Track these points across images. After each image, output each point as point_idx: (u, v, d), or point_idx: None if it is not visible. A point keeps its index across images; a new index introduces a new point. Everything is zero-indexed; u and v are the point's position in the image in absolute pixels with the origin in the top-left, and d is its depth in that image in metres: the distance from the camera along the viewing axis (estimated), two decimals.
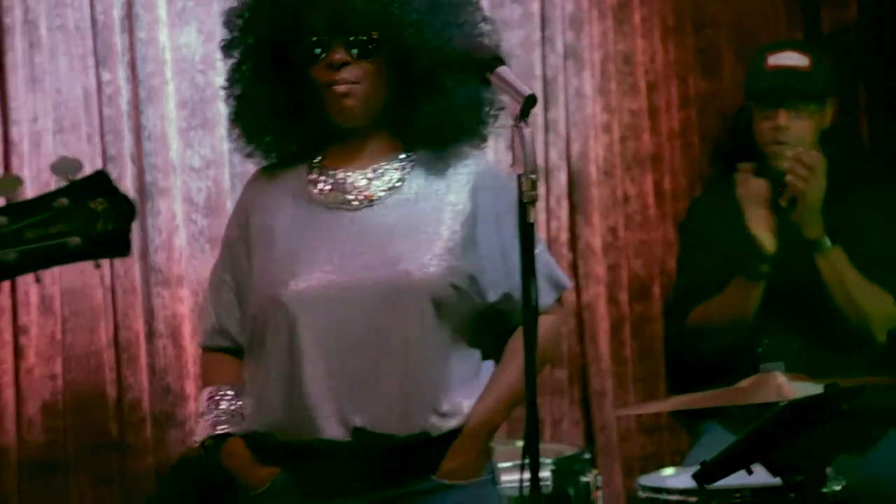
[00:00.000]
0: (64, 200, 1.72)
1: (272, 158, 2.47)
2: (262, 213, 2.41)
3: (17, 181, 1.80)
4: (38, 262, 1.76)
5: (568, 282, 2.55)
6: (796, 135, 3.40)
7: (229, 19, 2.36)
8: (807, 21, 4.17)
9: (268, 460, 2.32)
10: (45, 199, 1.72)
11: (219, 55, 3.03)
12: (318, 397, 2.24)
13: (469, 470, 2.29)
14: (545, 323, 2.37)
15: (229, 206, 3.24)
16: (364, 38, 2.24)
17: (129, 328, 3.11)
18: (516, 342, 2.28)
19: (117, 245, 1.79)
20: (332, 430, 2.23)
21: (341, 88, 2.23)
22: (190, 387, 3.21)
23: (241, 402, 2.37)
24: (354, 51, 2.24)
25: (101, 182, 1.76)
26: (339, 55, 2.22)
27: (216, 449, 2.35)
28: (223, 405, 2.37)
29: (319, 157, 2.39)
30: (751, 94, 3.53)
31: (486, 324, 2.33)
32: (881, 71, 4.21)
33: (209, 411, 2.37)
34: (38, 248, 1.72)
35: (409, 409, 2.25)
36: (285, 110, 2.35)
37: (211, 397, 2.38)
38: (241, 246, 2.40)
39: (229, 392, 2.38)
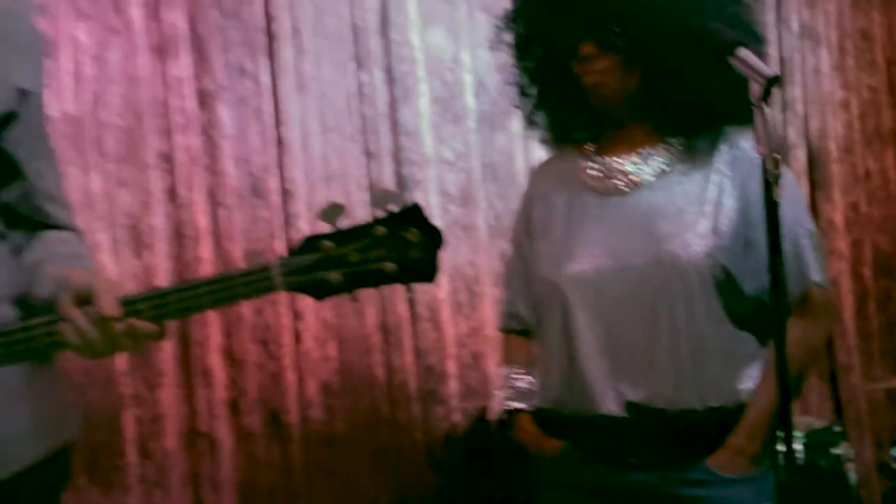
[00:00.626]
0: (382, 229, 1.76)
1: (554, 143, 2.53)
2: (541, 203, 2.50)
3: (341, 209, 1.81)
4: (358, 283, 1.77)
5: (817, 275, 2.39)
6: None
7: (503, 23, 2.46)
8: None
9: (554, 433, 2.39)
10: (365, 228, 1.76)
11: (466, 53, 3.37)
12: (593, 374, 2.29)
13: (744, 465, 2.27)
14: (799, 330, 2.28)
15: (481, 195, 3.48)
16: (606, 32, 2.28)
17: (394, 313, 3.29)
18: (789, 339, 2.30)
19: (426, 272, 1.79)
20: (609, 405, 2.27)
21: (591, 79, 2.29)
22: (451, 366, 3.38)
23: (531, 380, 2.46)
24: (599, 44, 2.28)
25: (415, 214, 1.77)
26: (586, 49, 2.27)
27: (509, 424, 2.46)
28: (516, 384, 2.47)
29: (592, 146, 2.44)
30: None
31: (759, 309, 2.31)
32: None
33: (504, 389, 2.49)
34: (359, 271, 1.76)
35: (681, 386, 2.25)
36: (560, 101, 2.41)
37: (507, 376, 2.50)
38: (524, 236, 2.49)
39: (521, 371, 2.48)
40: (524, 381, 2.49)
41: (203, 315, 3.19)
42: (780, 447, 2.04)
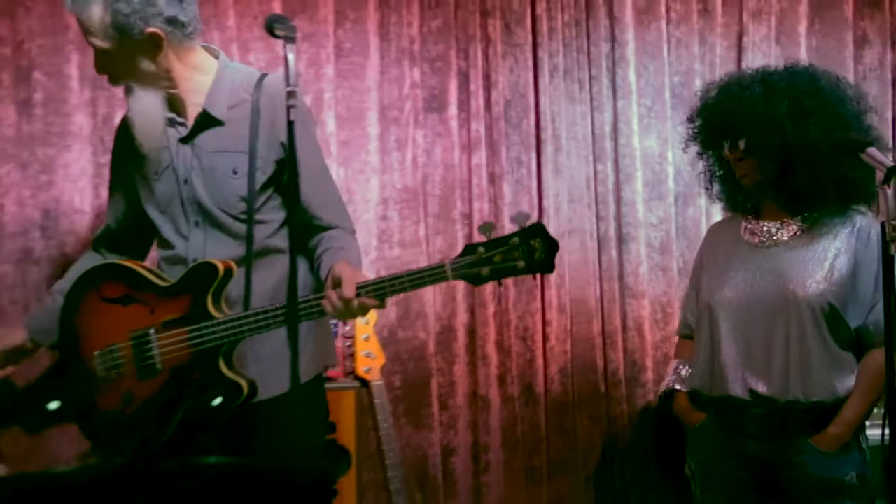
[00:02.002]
0: (516, 240, 2.17)
1: (728, 209, 2.95)
2: (711, 248, 2.94)
3: (492, 226, 2.21)
4: (500, 275, 2.21)
5: None
6: None
7: (693, 120, 2.89)
8: None
9: (700, 408, 2.83)
10: (505, 239, 2.19)
11: (669, 152, 3.94)
12: (728, 368, 2.73)
13: (838, 445, 2.62)
14: (879, 357, 2.52)
15: (675, 248, 4.00)
16: (743, 140, 2.68)
17: (611, 323, 3.87)
18: (871, 360, 2.62)
19: (547, 267, 2.19)
20: (737, 390, 2.70)
21: (739, 173, 2.75)
22: (648, 362, 3.92)
23: (689, 370, 2.92)
24: (741, 148, 2.69)
25: (539, 229, 2.18)
26: (730, 152, 2.72)
27: (670, 399, 2.93)
28: (680, 373, 2.95)
29: (753, 214, 2.84)
30: None
31: (858, 338, 2.64)
32: None
33: (671, 375, 2.97)
34: (500, 267, 2.19)
35: (788, 383, 2.65)
36: (728, 184, 2.84)
37: (675, 367, 2.97)
38: (699, 270, 2.95)
39: (685, 364, 2.94)
40: (685, 370, 2.94)
41: (484, 317, 3.77)
42: (872, 433, 2.53)
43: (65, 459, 3.34)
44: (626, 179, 3.93)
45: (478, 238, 3.51)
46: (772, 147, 2.62)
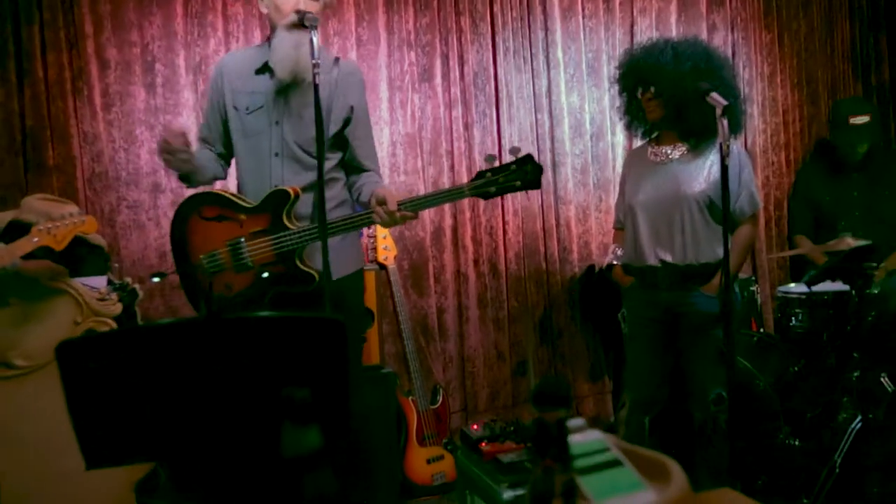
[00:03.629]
0: (514, 167, 2.27)
1: (641, 137, 3.10)
2: (628, 167, 3.15)
3: (494, 157, 2.31)
4: (502, 192, 2.30)
5: (760, 202, 3.03)
6: (861, 152, 4.09)
7: (617, 73, 3.07)
8: (863, 80, 4.75)
9: (629, 273, 3.08)
10: (506, 166, 2.28)
11: (587, 104, 4.25)
12: (645, 246, 2.96)
13: (715, 290, 2.83)
14: (745, 230, 2.90)
15: (591, 170, 4.40)
16: (653, 88, 2.91)
17: (549, 222, 4.35)
18: (738, 233, 2.90)
19: (535, 185, 2.29)
20: (652, 260, 2.94)
21: (649, 109, 2.94)
22: (574, 247, 4.38)
23: (621, 250, 3.13)
24: (653, 94, 2.91)
25: (530, 158, 2.28)
26: (647, 96, 2.93)
27: (609, 270, 3.18)
28: (616, 252, 3.19)
29: (653, 141, 3.04)
30: (838, 138, 4.12)
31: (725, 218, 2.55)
32: None
33: (609, 255, 3.21)
34: (503, 186, 2.29)
35: (686, 252, 2.88)
36: (636, 117, 3.03)
37: (613, 249, 3.21)
38: (623, 183, 3.14)
39: (617, 247, 3.19)
40: (619, 250, 3.16)
41: (463, 220, 4.11)
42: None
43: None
44: (557, 124, 4.34)
45: (465, 167, 4.03)
46: (675, 93, 2.82)
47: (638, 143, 3.26)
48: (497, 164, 2.30)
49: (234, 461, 1.55)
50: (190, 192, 2.69)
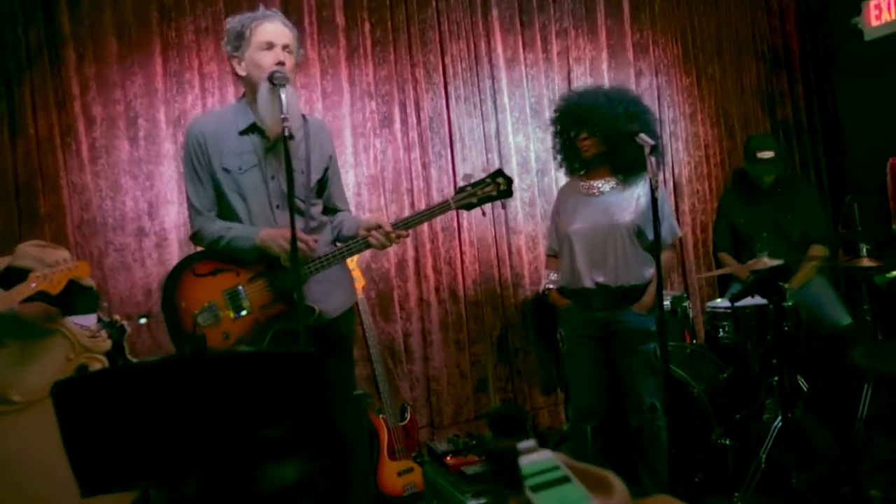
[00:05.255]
0: (489, 179, 2.40)
1: (568, 174, 3.14)
2: (562, 200, 3.16)
3: (471, 176, 2.41)
4: (483, 202, 2.40)
5: (679, 232, 3.10)
6: (769, 180, 4.18)
7: (554, 116, 3.08)
8: (770, 115, 4.99)
9: (566, 296, 3.08)
10: (483, 180, 2.41)
11: (532, 144, 4.26)
12: (581, 269, 2.98)
13: (647, 308, 2.89)
14: (667, 254, 2.99)
15: (538, 202, 4.40)
16: (589, 129, 2.94)
17: (501, 251, 4.34)
18: (663, 256, 2.85)
19: (508, 194, 2.40)
20: (588, 282, 2.97)
21: (584, 147, 2.96)
22: (525, 273, 4.39)
23: (557, 275, 3.14)
24: (589, 134, 2.93)
25: (501, 172, 2.41)
26: (583, 136, 2.94)
27: (546, 295, 3.21)
28: (551, 277, 3.19)
29: (584, 176, 3.06)
30: (749, 169, 4.20)
31: (652, 245, 2.75)
32: (803, 133, 5.10)
33: (546, 280, 3.23)
34: (483, 196, 2.40)
35: (619, 275, 2.92)
36: (569, 155, 3.04)
37: (548, 275, 3.21)
38: (556, 215, 3.16)
39: (553, 272, 3.18)
40: (554, 275, 3.17)
41: (424, 252, 4.10)
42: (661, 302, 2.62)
43: None
44: (506, 162, 4.38)
45: (424, 203, 4.01)
46: (609, 133, 2.88)
47: (569, 178, 3.29)
48: (473, 180, 2.41)
49: (218, 488, 1.53)
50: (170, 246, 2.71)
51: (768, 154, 4.16)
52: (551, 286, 3.14)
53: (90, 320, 2.87)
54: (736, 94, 4.97)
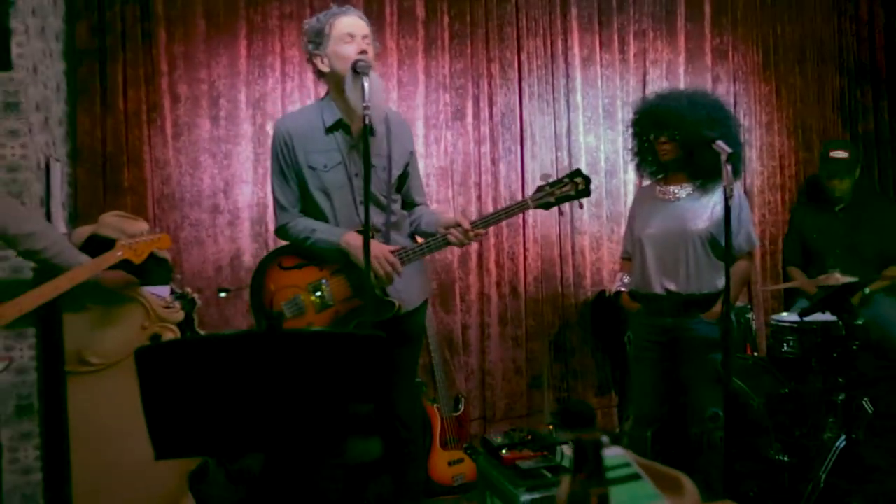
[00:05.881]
0: (567, 179, 2.45)
1: (648, 177, 3.15)
2: (638, 203, 3.18)
3: (549, 175, 2.46)
4: (560, 201, 2.41)
5: (757, 241, 3.10)
6: (843, 188, 4.08)
7: (634, 117, 3.06)
8: (851, 129, 4.95)
9: (636, 300, 3.08)
10: (561, 179, 2.46)
11: (602, 144, 4.30)
12: (652, 275, 2.97)
13: (716, 317, 2.84)
14: (743, 264, 2.94)
15: (604, 203, 4.42)
16: (669, 133, 2.91)
17: (565, 249, 4.37)
18: (737, 266, 2.89)
19: (587, 193, 2.43)
20: (658, 288, 2.97)
21: (663, 151, 2.94)
22: (587, 273, 4.39)
23: (629, 278, 3.15)
24: (668, 138, 2.91)
25: (579, 171, 2.46)
26: (662, 139, 2.92)
27: (618, 297, 3.19)
28: (624, 280, 3.19)
29: (662, 180, 3.06)
30: (822, 173, 4.17)
31: (725, 254, 2.61)
32: (884, 148, 4.97)
33: (618, 282, 3.22)
34: (560, 196, 2.42)
35: (690, 283, 2.92)
36: (648, 157, 3.04)
37: (620, 277, 3.23)
38: (632, 218, 3.17)
39: (625, 275, 3.20)
40: (627, 278, 3.18)
41: (487, 246, 4.13)
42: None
43: None
44: (575, 162, 4.37)
45: (491, 198, 4.10)
46: (689, 138, 2.84)
47: (646, 181, 3.28)
48: (551, 179, 2.44)
49: (284, 458, 1.57)
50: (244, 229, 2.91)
51: (842, 154, 4.06)
52: (623, 289, 3.15)
53: (164, 291, 2.94)
54: (816, 105, 4.89)
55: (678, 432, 3.00)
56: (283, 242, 2.73)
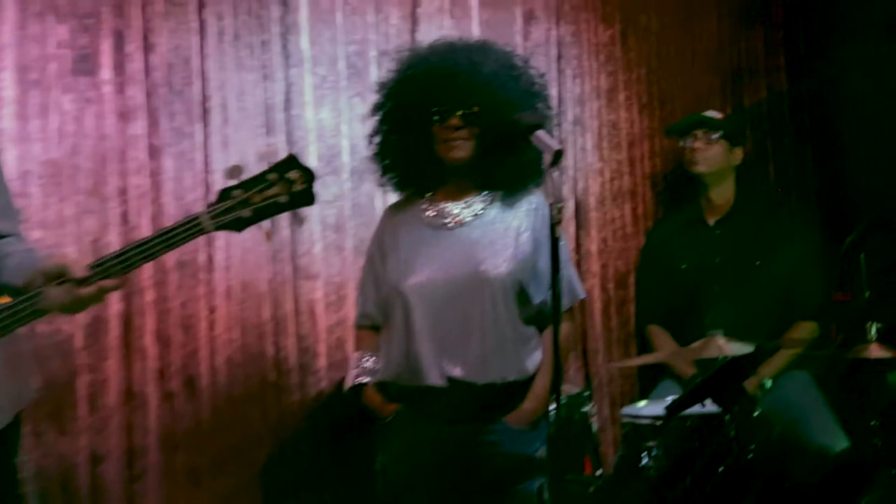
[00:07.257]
0: (274, 175, 2.41)
1: (398, 190, 3.24)
2: (390, 233, 3.18)
3: (240, 169, 2.42)
4: (263, 215, 2.40)
5: (583, 293, 3.29)
6: (708, 156, 4.35)
7: (380, 90, 3.16)
8: (733, 98, 5.33)
9: (392, 399, 3.11)
10: (261, 176, 2.42)
11: (345, 124, 4.30)
12: (424, 355, 3.00)
13: (530, 421, 3.00)
14: (564, 329, 3.04)
15: (349, 225, 4.35)
16: (470, 111, 2.98)
17: (282, 308, 4.21)
18: (547, 340, 3.01)
19: (308, 198, 2.41)
20: (435, 378, 3.00)
21: (455, 143, 2.99)
22: (321, 347, 4.27)
23: (375, 361, 3.18)
24: (464, 118, 2.97)
25: (294, 160, 2.43)
26: (455, 121, 2.98)
27: (358, 392, 3.18)
28: (365, 365, 3.20)
29: (430, 194, 3.14)
30: (672, 130, 4.54)
31: (539, 313, 2.99)
32: (784, 130, 5.35)
33: (356, 368, 3.21)
34: (262, 206, 2.39)
35: (486, 366, 2.98)
36: (409, 156, 3.10)
37: (358, 359, 3.22)
38: (377, 257, 3.18)
39: (369, 356, 3.20)
40: (370, 361, 3.20)
41: (140, 306, 3.90)
42: (551, 406, 2.79)
43: None
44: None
45: (149, 216, 3.95)
46: (496, 122, 2.96)
47: (397, 196, 3.34)
48: (244, 177, 2.36)
49: None
50: None
51: (714, 113, 4.38)
52: (366, 380, 3.15)
53: None
54: (682, 62, 5.07)
55: None
56: None
